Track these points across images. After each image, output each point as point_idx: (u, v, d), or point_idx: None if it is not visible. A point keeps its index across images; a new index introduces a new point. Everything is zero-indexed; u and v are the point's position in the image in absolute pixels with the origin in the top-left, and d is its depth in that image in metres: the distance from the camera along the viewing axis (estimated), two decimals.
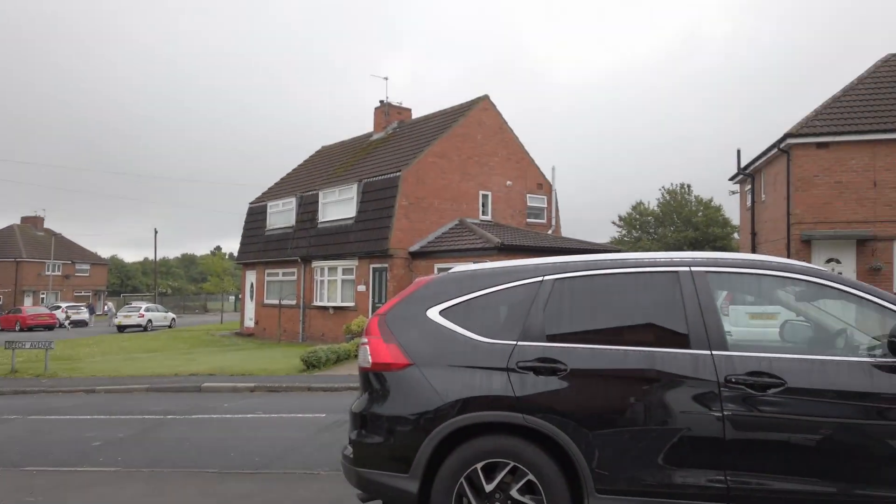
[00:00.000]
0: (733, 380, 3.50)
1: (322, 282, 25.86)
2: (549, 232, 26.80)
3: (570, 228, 37.46)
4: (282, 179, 33.78)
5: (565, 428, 3.65)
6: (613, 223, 52.55)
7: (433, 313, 4.14)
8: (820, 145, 18.47)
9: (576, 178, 77.14)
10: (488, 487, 3.72)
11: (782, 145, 19.08)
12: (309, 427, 9.12)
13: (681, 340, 3.70)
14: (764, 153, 21.13)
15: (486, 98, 26.36)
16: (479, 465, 3.74)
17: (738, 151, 24.11)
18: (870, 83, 20.09)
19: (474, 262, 4.67)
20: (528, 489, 3.69)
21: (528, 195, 27.02)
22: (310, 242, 26.52)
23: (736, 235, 42.54)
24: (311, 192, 27.53)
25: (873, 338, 3.64)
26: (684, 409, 3.55)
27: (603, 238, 46.75)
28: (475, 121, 25.74)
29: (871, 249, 17.97)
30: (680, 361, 3.62)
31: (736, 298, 10.09)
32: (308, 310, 26.60)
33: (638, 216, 51.13)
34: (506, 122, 26.71)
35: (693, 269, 3.86)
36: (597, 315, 3.96)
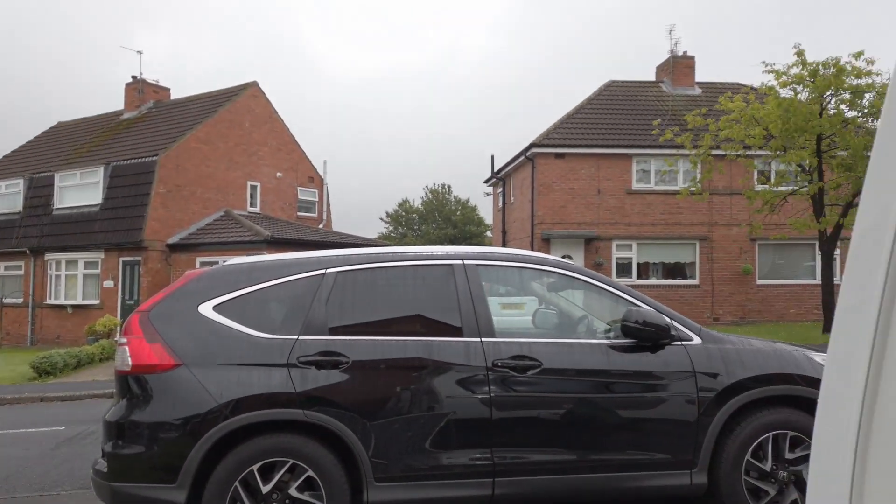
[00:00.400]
0: (499, 364, 3.84)
1: (58, 277, 22.60)
2: (321, 226, 26.64)
3: (341, 223, 37.57)
4: (5, 157, 28.80)
5: (346, 421, 3.69)
6: (381, 219, 54.14)
7: (206, 309, 3.89)
8: (558, 155, 20.94)
9: (347, 174, 77.62)
10: (265, 488, 3.60)
11: (528, 153, 21.26)
12: (44, 442, 7.94)
13: (455, 329, 3.95)
14: (513, 160, 23.36)
15: (255, 85, 25.26)
16: (255, 467, 3.61)
17: (492, 157, 26.35)
18: (596, 104, 23.29)
19: (244, 256, 4.46)
20: (308, 485, 3.65)
21: (299, 188, 26.53)
22: (42, 231, 23.00)
23: (489, 233, 46.38)
24: (44, 174, 23.88)
25: (610, 322, 4.25)
26: (457, 394, 3.80)
27: (371, 233, 47.79)
28: (244, 107, 24.53)
29: (595, 247, 20.87)
30: (454, 349, 3.87)
31: (491, 290, 11.05)
32: (39, 309, 23.07)
33: (404, 213, 53.24)
34: (276, 112, 25.90)
35: (466, 262, 4.15)
36: (378, 307, 4.06)
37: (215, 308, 3.89)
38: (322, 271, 4.04)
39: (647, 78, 25.69)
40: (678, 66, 24.67)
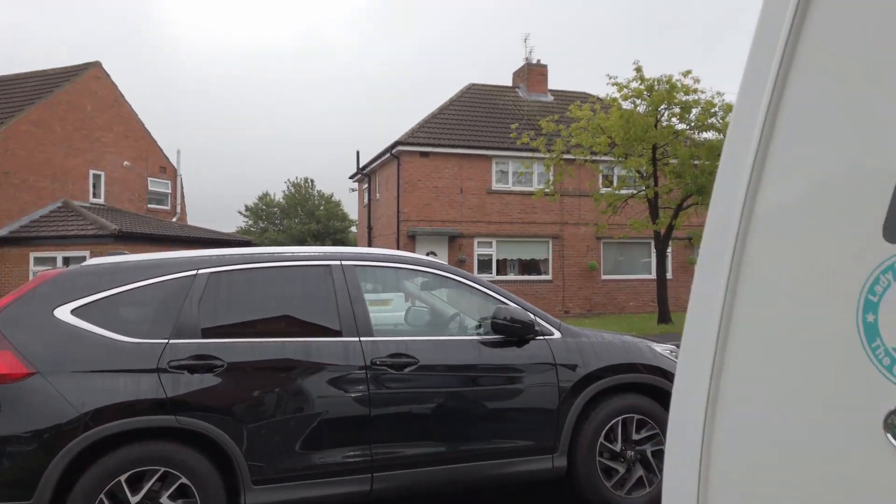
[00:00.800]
0: (378, 362, 3.95)
1: None
2: (174, 219, 25.06)
3: (197, 216, 35.57)
4: None
5: (222, 425, 3.62)
6: (240, 213, 51.92)
7: (63, 313, 3.64)
8: (423, 154, 21.36)
9: (203, 165, 73.38)
10: (134, 499, 3.45)
11: (394, 151, 21.48)
12: None
13: (334, 330, 4.01)
14: (379, 156, 23.48)
15: (98, 65, 23.17)
16: (122, 478, 3.44)
17: (358, 153, 26.26)
18: (458, 106, 24.00)
19: (88, 252, 4.21)
20: (182, 493, 3.55)
21: (149, 178, 24.72)
22: None
23: (353, 229, 46.13)
24: None
25: (479, 319, 4.50)
26: (337, 394, 3.86)
27: (230, 228, 45.63)
28: (85, 89, 22.42)
29: (458, 244, 21.55)
30: (334, 349, 3.92)
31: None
32: None
33: (265, 207, 51.45)
34: (123, 96, 23.94)
35: (343, 262, 4.21)
36: (254, 309, 4.01)
37: (74, 312, 3.65)
38: (194, 272, 3.92)
39: (504, 83, 26.84)
40: (532, 73, 26.02)
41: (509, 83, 26.92)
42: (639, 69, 16.78)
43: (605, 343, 4.56)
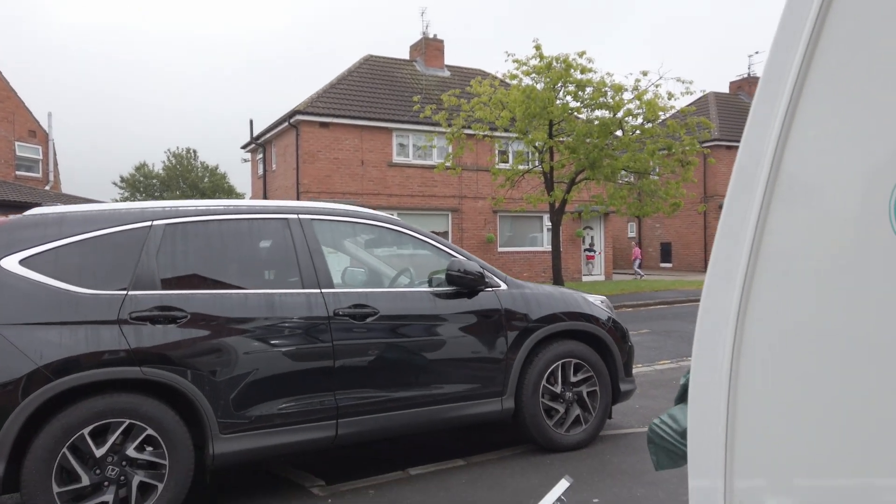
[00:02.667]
0: (341, 312, 4.03)
1: None
2: (47, 188, 23.00)
3: (70, 186, 32.69)
4: None
5: (187, 375, 3.58)
6: (115, 184, 48.38)
7: (10, 263, 3.43)
8: (322, 124, 20.98)
9: (76, 132, 67.11)
10: (99, 452, 3.36)
11: (292, 120, 20.93)
12: None
13: (295, 281, 4.04)
14: (275, 125, 22.75)
15: None
16: (85, 431, 3.34)
17: (251, 122, 25.30)
18: (356, 77, 23.70)
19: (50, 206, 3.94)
20: (148, 444, 3.49)
21: (17, 143, 22.49)
22: None
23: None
24: None
25: (432, 273, 4.67)
26: (301, 343, 3.91)
27: (105, 199, 42.39)
28: None
29: None
30: (296, 301, 3.96)
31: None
32: None
33: (143, 178, 48.22)
34: None
35: (300, 216, 4.23)
36: (214, 260, 3.96)
37: (22, 262, 3.45)
38: (148, 223, 3.80)
39: (402, 56, 26.77)
40: (429, 47, 26.13)
41: (406, 56, 26.88)
42: (538, 47, 17.38)
43: (546, 294, 4.89)
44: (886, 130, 1.35)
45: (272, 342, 3.84)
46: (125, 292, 3.57)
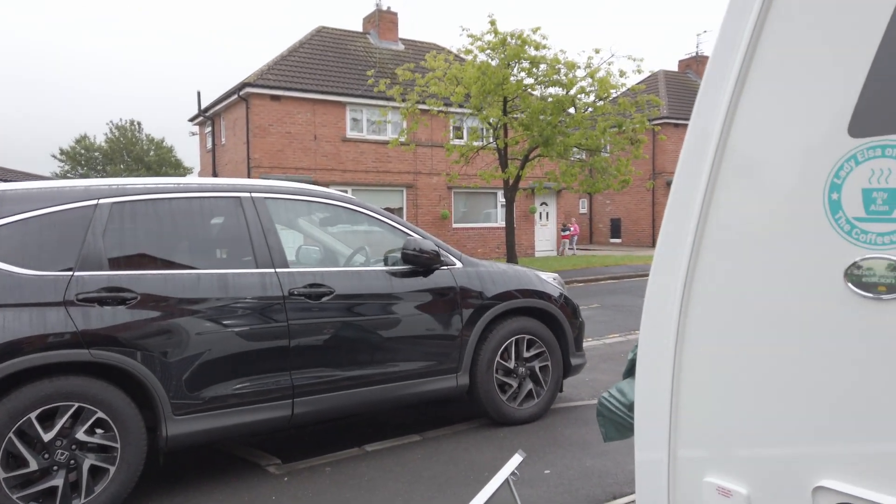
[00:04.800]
0: (296, 292, 4.02)
1: None
2: None
3: (3, 158, 31.16)
4: None
5: (138, 357, 3.53)
6: (54, 157, 46.32)
7: None
8: (273, 97, 20.51)
9: (6, 99, 63.53)
10: (47, 436, 3.29)
11: (241, 93, 20.39)
12: None
13: (248, 261, 4.00)
14: (224, 97, 22.14)
15: None
16: (32, 415, 3.26)
17: (199, 94, 24.52)
18: (308, 49, 23.19)
19: None
20: (98, 427, 3.43)
21: None
22: None
23: (192, 176, 43.20)
24: None
25: (387, 251, 4.68)
26: (255, 324, 3.89)
27: (43, 172, 40.60)
28: None
29: None
30: (250, 281, 3.92)
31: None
32: None
33: (83, 151, 46.28)
34: None
35: (253, 195, 4.17)
36: (165, 240, 3.88)
37: None
38: (94, 202, 3.69)
39: (355, 28, 26.30)
40: (383, 19, 25.73)
41: (359, 28, 26.42)
42: (493, 22, 17.32)
43: (500, 272, 4.96)
44: (825, 114, 1.43)
45: (226, 322, 3.81)
46: (71, 273, 3.48)
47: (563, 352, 5.12)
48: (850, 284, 1.36)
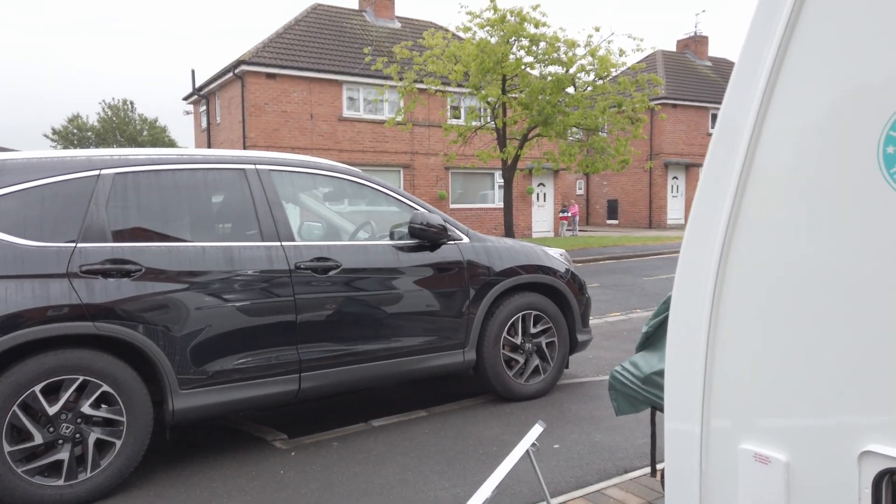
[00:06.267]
0: (302, 266, 3.95)
1: None
2: None
3: None
4: None
5: (143, 331, 3.46)
6: (46, 136, 45.83)
7: None
8: (269, 76, 20.27)
9: None
10: (52, 409, 3.23)
11: (237, 71, 20.14)
12: None
13: (253, 234, 3.92)
14: (219, 76, 21.87)
15: None
16: (37, 388, 3.20)
17: (193, 72, 24.27)
18: (304, 26, 22.88)
19: None
20: (104, 401, 3.38)
21: None
22: None
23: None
24: None
25: (394, 226, 4.61)
26: (262, 297, 3.82)
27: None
28: None
29: None
30: (255, 254, 3.85)
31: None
32: None
33: (76, 131, 45.79)
34: None
35: (258, 167, 4.08)
36: (169, 211, 3.79)
37: None
38: (96, 172, 3.60)
39: (351, 6, 25.98)
40: None
41: (355, 6, 26.07)
42: None
43: (507, 247, 4.90)
44: (882, 58, 1.36)
45: (231, 296, 3.74)
46: (74, 244, 3.40)
47: (570, 328, 5.09)
48: None
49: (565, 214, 26.66)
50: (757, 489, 1.60)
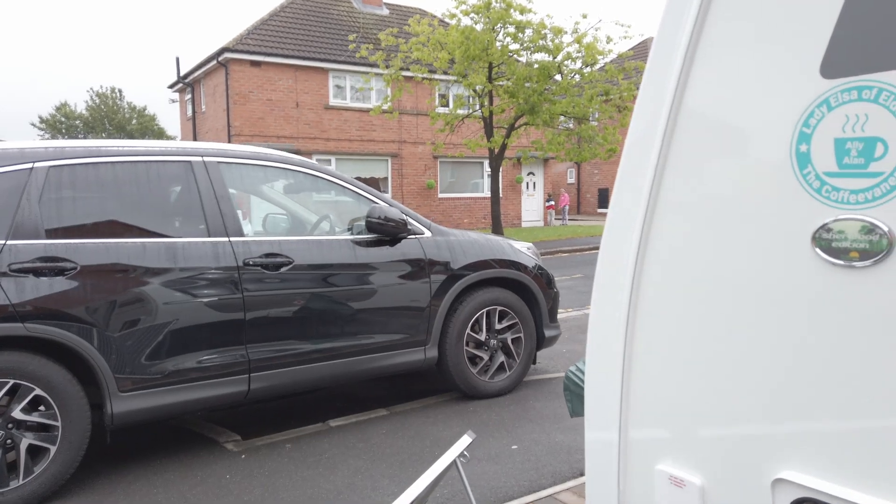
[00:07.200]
0: (251, 262, 3.81)
1: None
2: None
3: None
4: None
5: (79, 332, 3.32)
6: (34, 125, 45.34)
7: None
8: (253, 63, 19.99)
9: None
10: None
11: (221, 58, 19.86)
12: None
13: (200, 229, 3.77)
14: (203, 63, 21.58)
15: None
16: None
17: (178, 59, 23.98)
18: (289, 12, 22.56)
19: None
20: (37, 404, 3.24)
21: None
22: None
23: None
24: None
25: (351, 220, 4.47)
26: (207, 296, 3.68)
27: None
28: None
29: None
30: (201, 250, 3.70)
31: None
32: None
33: (64, 119, 45.29)
34: None
35: (205, 159, 3.93)
36: (107, 206, 3.63)
37: None
38: (29, 165, 3.44)
39: None
40: None
41: None
42: None
43: (470, 241, 4.77)
44: (793, 52, 1.23)
45: (175, 294, 3.60)
46: (3, 242, 3.24)
47: (537, 323, 4.96)
48: (818, 250, 1.17)
49: (551, 203, 26.51)
50: None
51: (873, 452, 1.15)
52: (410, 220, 4.46)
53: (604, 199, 32.98)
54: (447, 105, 21.69)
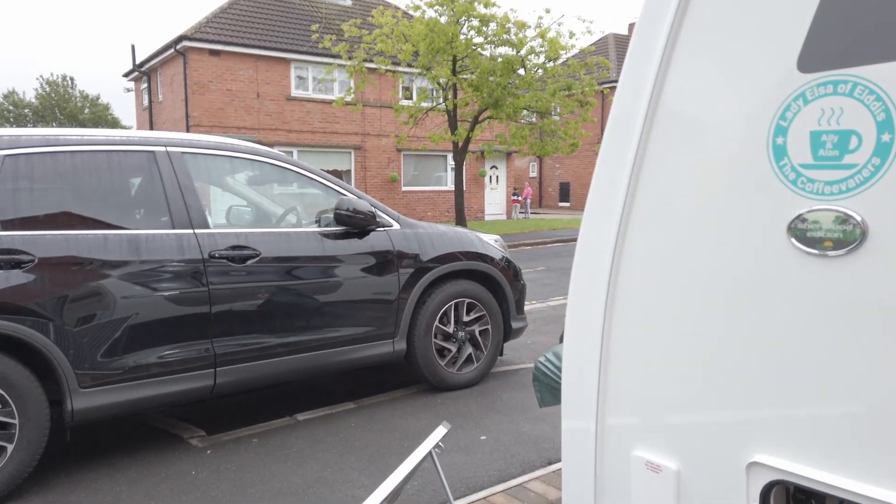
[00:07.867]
0: (217, 255, 3.73)
1: None
2: None
3: None
4: None
5: (38, 326, 3.22)
6: None
7: None
8: (213, 52, 19.57)
9: None
10: None
11: (179, 47, 19.40)
12: None
13: (163, 221, 3.69)
14: (160, 52, 21.05)
15: None
16: None
17: (133, 47, 23.40)
18: (250, 1, 22.10)
19: None
20: None
21: None
22: None
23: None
24: None
25: (319, 212, 4.42)
26: (171, 289, 3.60)
27: None
28: None
29: None
30: (164, 242, 3.62)
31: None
32: None
33: (13, 108, 43.57)
34: None
35: (169, 149, 3.84)
36: (67, 197, 3.52)
37: None
38: None
39: None
40: None
41: None
42: None
43: (439, 233, 4.77)
44: (770, 46, 1.26)
45: (137, 288, 3.51)
46: None
47: (504, 315, 5.00)
48: (793, 240, 1.21)
49: (517, 198, 26.70)
50: (649, 499, 1.51)
51: (843, 436, 1.19)
52: (379, 213, 4.43)
53: (565, 192, 33.35)
54: (411, 98, 21.62)
